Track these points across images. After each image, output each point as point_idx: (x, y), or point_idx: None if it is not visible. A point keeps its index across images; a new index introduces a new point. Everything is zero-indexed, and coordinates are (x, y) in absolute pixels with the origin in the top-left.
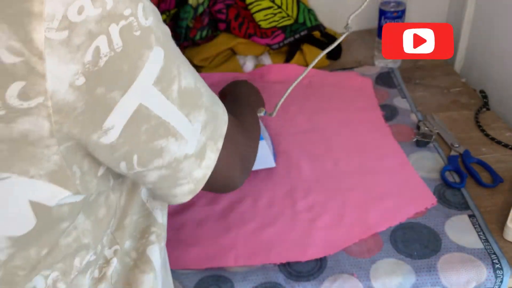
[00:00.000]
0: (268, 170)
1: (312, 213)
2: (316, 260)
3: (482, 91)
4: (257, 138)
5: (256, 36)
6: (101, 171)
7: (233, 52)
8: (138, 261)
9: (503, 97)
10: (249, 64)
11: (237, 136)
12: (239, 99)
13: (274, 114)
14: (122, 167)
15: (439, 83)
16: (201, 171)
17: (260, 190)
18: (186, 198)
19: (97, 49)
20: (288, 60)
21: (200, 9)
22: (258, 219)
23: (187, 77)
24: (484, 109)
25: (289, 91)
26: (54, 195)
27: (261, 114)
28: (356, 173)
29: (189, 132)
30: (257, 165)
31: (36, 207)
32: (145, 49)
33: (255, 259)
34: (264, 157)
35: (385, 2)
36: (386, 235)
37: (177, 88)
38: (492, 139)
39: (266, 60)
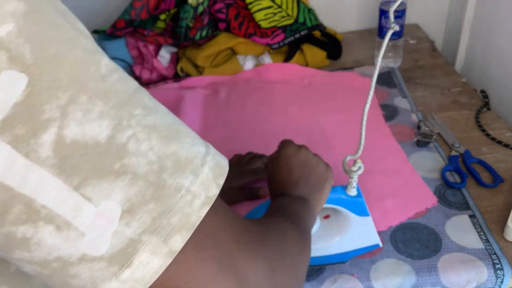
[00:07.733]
0: None
1: None
2: None
3: (482, 91)
4: (301, 254)
5: (256, 36)
6: None
7: (233, 52)
8: None
9: (503, 97)
10: (249, 64)
11: (251, 236)
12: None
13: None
14: None
15: (440, 83)
16: (120, 286)
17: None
18: None
19: None
20: (288, 59)
21: (200, 9)
22: None
23: (90, 119)
24: (485, 109)
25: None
26: None
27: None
28: None
29: (86, 218)
30: (362, 243)
31: None
32: None
33: None
34: (369, 234)
35: (385, 2)
36: (386, 235)
37: (52, 139)
38: (493, 139)
39: (267, 59)
